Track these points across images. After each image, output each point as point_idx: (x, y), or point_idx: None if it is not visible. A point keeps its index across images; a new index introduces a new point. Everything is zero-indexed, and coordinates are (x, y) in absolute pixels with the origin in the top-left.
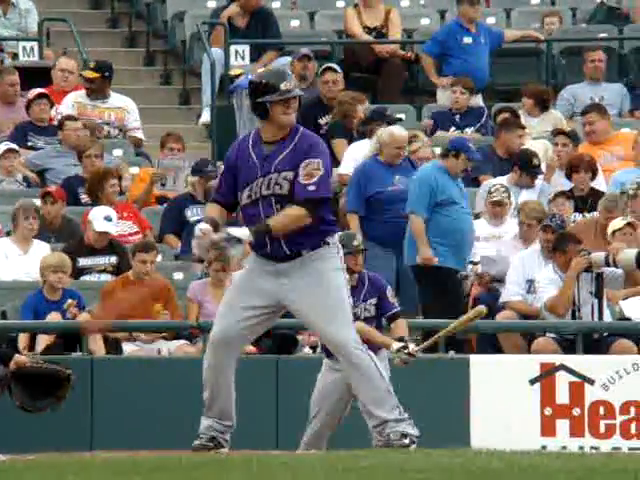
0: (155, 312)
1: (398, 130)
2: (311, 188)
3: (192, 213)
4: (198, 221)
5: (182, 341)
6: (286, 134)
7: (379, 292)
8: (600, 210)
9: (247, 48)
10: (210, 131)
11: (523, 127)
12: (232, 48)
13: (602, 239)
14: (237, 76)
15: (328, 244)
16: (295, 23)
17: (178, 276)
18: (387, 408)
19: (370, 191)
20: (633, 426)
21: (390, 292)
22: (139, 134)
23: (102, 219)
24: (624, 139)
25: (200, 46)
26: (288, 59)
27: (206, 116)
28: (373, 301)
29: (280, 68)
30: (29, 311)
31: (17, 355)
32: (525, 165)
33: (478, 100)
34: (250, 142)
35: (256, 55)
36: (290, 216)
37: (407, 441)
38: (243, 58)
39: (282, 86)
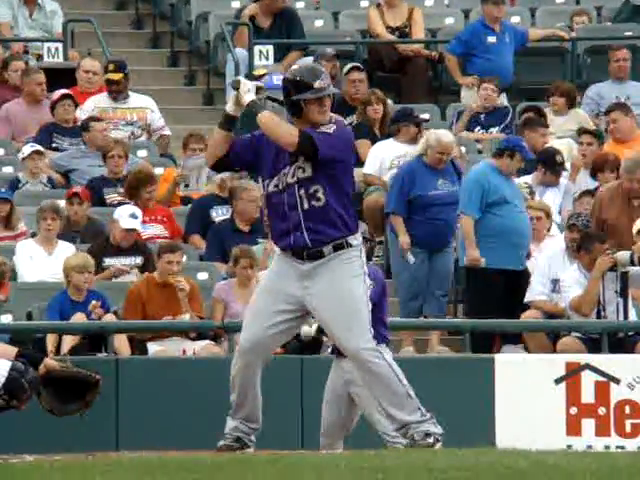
0: (172, 281)
1: (446, 136)
2: (309, 128)
3: (217, 214)
4: (223, 220)
5: (207, 341)
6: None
7: None
8: (622, 174)
9: (271, 48)
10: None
11: (547, 126)
12: (256, 48)
13: (627, 204)
14: (261, 76)
15: (351, 245)
16: (319, 23)
17: (203, 276)
18: (409, 410)
19: (412, 193)
20: None
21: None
22: (166, 131)
23: (128, 216)
24: None
25: (224, 46)
26: (311, 59)
27: None
28: None
29: (314, 65)
30: (54, 312)
31: (47, 359)
32: (549, 163)
33: (503, 99)
34: None
35: (280, 55)
36: (283, 123)
37: (431, 440)
38: (267, 58)
39: (316, 84)
